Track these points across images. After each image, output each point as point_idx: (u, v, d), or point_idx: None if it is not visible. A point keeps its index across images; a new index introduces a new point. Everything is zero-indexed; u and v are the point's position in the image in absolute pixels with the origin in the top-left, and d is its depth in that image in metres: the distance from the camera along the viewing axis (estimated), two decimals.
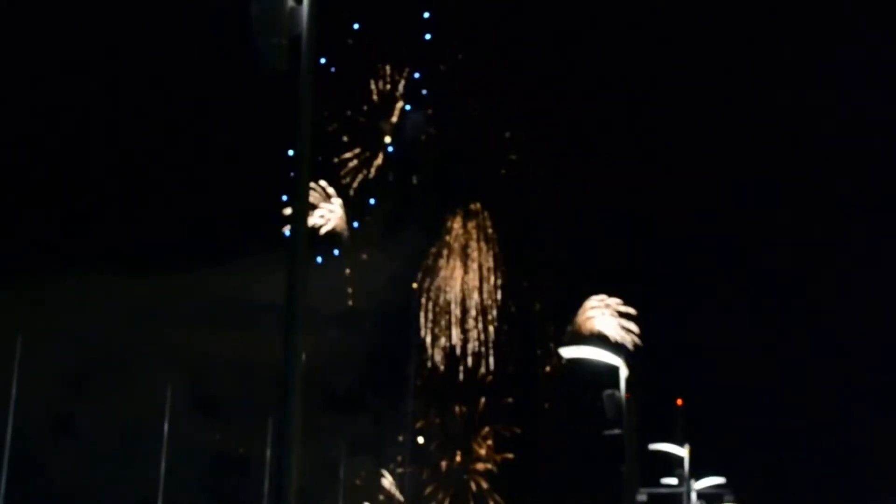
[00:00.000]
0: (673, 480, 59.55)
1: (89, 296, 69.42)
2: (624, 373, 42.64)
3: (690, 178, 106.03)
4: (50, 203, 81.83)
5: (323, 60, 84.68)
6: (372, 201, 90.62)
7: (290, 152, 16.68)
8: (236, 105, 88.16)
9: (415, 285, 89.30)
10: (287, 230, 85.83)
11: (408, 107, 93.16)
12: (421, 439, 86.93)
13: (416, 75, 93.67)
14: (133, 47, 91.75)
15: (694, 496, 58.58)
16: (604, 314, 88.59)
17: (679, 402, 79.06)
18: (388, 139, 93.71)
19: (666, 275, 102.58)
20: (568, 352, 41.70)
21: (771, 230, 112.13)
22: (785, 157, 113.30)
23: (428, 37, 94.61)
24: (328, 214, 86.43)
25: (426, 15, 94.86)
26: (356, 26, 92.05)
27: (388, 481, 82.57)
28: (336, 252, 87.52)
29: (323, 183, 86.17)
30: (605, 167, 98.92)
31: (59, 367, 65.41)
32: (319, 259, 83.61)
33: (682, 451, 57.32)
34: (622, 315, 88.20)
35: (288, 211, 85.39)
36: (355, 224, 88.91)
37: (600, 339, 78.70)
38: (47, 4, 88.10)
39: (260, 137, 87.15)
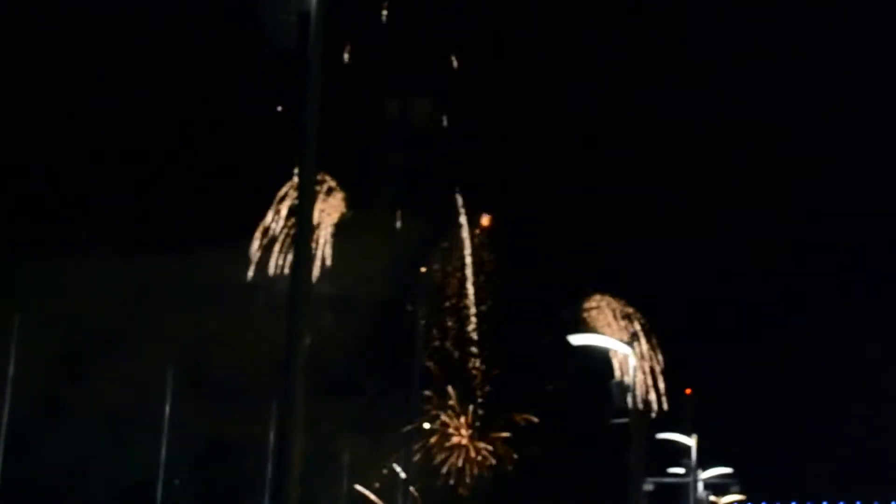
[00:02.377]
0: (680, 470, 59.29)
1: (87, 277, 69.44)
2: (633, 362, 42.29)
3: (695, 172, 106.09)
4: (48, 185, 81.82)
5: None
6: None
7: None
8: (238, 87, 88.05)
9: (423, 269, 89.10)
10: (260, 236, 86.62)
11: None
12: (427, 425, 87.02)
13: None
14: (133, 28, 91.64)
15: (701, 486, 58.36)
16: (605, 314, 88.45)
17: (687, 391, 78.92)
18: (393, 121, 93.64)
19: (673, 265, 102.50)
20: (576, 339, 41.34)
21: (777, 222, 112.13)
22: (795, 152, 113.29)
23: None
24: (327, 209, 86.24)
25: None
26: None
27: (392, 466, 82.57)
28: None
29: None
30: (607, 163, 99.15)
31: (55, 347, 65.35)
32: None
33: (690, 441, 57.03)
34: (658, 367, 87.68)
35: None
36: None
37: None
38: None
39: (261, 119, 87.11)
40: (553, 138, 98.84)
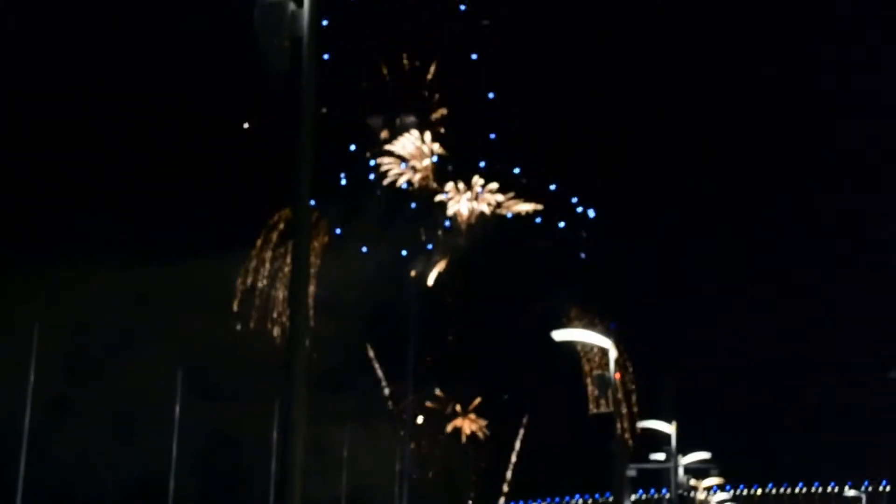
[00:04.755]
0: (661, 456, 60.62)
1: (99, 286, 70.62)
2: (613, 354, 43.64)
3: (692, 170, 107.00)
4: (59, 198, 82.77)
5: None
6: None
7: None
8: (238, 102, 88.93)
9: (413, 273, 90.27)
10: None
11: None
12: (421, 419, 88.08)
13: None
14: (139, 46, 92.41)
15: (681, 471, 59.70)
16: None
17: (666, 381, 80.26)
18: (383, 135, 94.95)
19: (653, 259, 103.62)
20: (559, 335, 42.51)
21: (756, 217, 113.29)
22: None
23: None
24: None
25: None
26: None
27: (387, 457, 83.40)
28: None
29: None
30: (592, 156, 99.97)
31: (70, 353, 66.40)
32: None
33: (670, 428, 58.35)
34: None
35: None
36: None
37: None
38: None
39: (258, 131, 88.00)
40: (551, 138, 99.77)
